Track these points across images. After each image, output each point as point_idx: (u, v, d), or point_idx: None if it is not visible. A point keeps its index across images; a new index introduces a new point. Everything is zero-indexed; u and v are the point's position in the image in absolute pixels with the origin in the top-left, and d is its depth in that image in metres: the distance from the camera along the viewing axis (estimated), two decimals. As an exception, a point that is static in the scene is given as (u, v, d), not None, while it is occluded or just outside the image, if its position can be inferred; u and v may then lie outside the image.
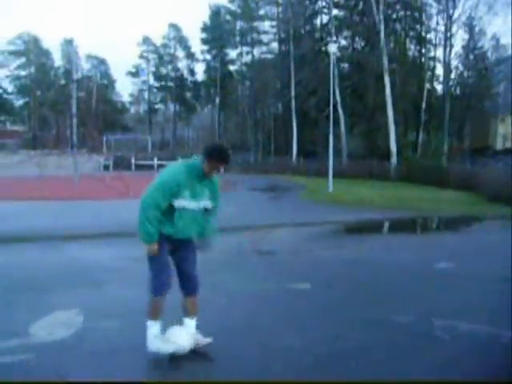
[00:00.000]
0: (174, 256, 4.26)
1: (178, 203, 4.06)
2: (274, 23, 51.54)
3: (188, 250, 4.29)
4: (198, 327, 4.35)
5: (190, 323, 4.31)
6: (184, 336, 4.18)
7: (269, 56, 53.78)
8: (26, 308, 5.50)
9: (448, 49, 38.57)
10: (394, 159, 31.80)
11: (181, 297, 4.30)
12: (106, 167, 36.75)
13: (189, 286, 4.28)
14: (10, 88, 78.42)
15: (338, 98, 35.80)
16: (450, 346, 4.56)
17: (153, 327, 4.19)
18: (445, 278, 7.16)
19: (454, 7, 36.75)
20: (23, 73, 77.75)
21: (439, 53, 43.58)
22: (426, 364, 4.16)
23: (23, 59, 76.83)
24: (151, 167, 37.28)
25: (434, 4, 40.97)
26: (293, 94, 41.35)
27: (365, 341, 4.65)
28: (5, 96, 78.99)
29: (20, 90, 78.01)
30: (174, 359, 4.10)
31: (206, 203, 4.21)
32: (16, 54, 76.45)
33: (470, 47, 42.96)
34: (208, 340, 4.33)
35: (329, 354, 4.35)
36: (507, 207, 15.37)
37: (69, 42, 70.84)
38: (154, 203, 4.00)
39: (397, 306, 5.69)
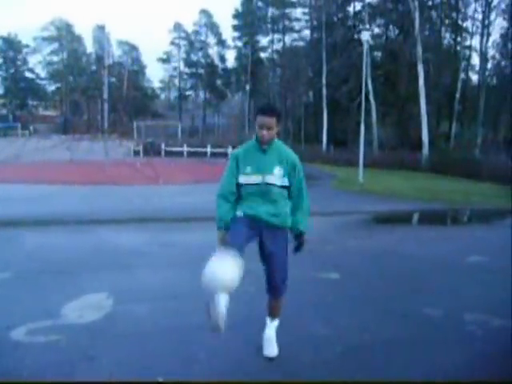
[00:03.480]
0: (261, 254, 3.96)
1: (241, 179, 3.80)
2: (306, 10, 51.22)
3: (274, 248, 3.89)
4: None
5: (269, 324, 4.10)
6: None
7: (300, 43, 53.50)
8: (57, 290, 5.58)
9: (485, 37, 37.76)
10: (425, 150, 31.31)
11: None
12: (136, 153, 37.05)
13: (271, 287, 4.00)
14: (43, 73, 79.71)
15: (370, 87, 35.38)
16: (481, 341, 4.46)
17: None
18: (476, 271, 7.03)
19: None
20: (56, 58, 78.86)
21: (475, 42, 42.73)
22: (455, 359, 4.08)
23: (56, 45, 77.88)
24: (181, 154, 37.49)
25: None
26: (324, 82, 40.98)
27: (393, 333, 4.59)
28: (37, 81, 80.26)
29: (52, 76, 79.18)
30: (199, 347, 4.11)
31: (273, 178, 3.78)
32: (49, 39, 77.53)
33: (509, 36, 41.70)
34: (273, 352, 4.00)
35: (356, 344, 4.30)
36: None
37: (101, 28, 71.29)
38: (220, 184, 3.91)
39: (427, 299, 5.60)
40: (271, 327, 4.08)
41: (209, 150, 37.27)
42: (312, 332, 4.55)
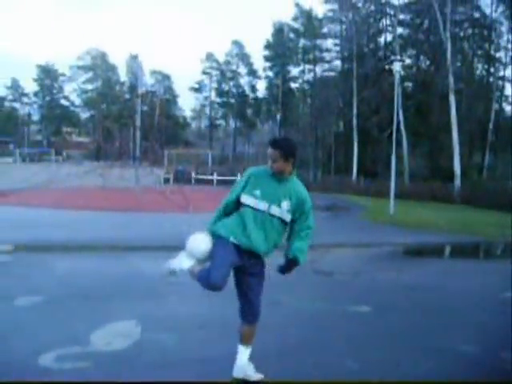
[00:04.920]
0: (239, 278, 3.93)
1: (245, 199, 3.79)
2: (337, 41, 51.41)
3: (255, 273, 3.90)
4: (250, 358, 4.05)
5: (243, 351, 3.99)
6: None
7: (331, 74, 53.64)
8: (86, 316, 5.59)
9: (519, 68, 37.46)
10: (457, 181, 30.91)
11: (239, 322, 4.02)
12: (167, 180, 37.35)
13: (249, 313, 3.95)
14: (78, 101, 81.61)
15: (401, 118, 35.22)
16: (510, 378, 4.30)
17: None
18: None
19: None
20: (90, 87, 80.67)
21: (509, 72, 42.35)
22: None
23: (90, 74, 79.73)
24: (211, 182, 37.71)
25: (505, 21, 39.85)
26: (355, 112, 40.98)
27: (426, 370, 4.44)
28: (72, 109, 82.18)
29: (86, 104, 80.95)
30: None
31: (278, 210, 3.76)
32: (84, 68, 79.48)
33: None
34: (260, 376, 4.02)
35: (389, 380, 4.18)
36: None
37: (134, 58, 72.79)
38: (225, 200, 3.94)
39: (460, 335, 5.44)
40: (247, 355, 4.00)
41: (239, 178, 37.35)
42: (342, 366, 4.44)
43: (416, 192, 29.55)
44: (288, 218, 3.81)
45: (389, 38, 46.59)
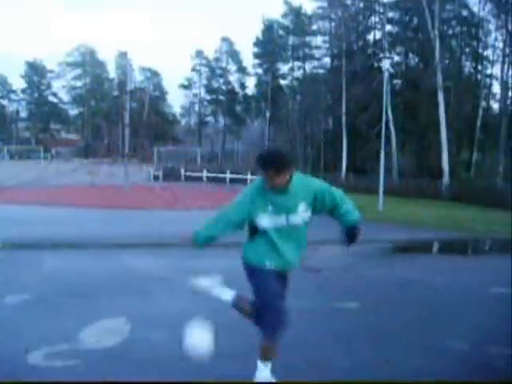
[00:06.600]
0: None
1: (262, 221, 3.52)
2: (327, 38, 51.52)
3: (283, 286, 3.77)
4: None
5: (263, 369, 3.72)
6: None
7: (320, 71, 53.76)
8: (75, 314, 5.56)
9: (506, 66, 37.68)
10: (446, 178, 31.09)
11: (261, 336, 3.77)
12: (156, 177, 37.29)
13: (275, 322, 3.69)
14: (66, 98, 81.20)
15: (390, 115, 35.35)
16: (505, 375, 4.32)
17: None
18: (501, 303, 6.86)
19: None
20: (79, 83, 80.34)
21: (496, 70, 42.59)
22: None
23: (79, 70, 79.36)
24: (200, 179, 37.68)
25: (493, 20, 40.14)
26: (344, 109, 41.10)
27: (416, 367, 4.45)
28: (60, 105, 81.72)
29: (75, 100, 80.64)
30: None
31: (296, 217, 3.55)
32: (73, 65, 79.07)
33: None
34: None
35: (378, 377, 4.19)
36: None
37: (123, 55, 72.49)
38: (221, 213, 3.67)
39: (450, 332, 5.46)
40: (267, 372, 3.75)
41: (228, 175, 37.38)
42: (331, 363, 4.45)
43: (405, 189, 29.72)
44: (308, 216, 3.61)
45: (378, 35, 46.79)
